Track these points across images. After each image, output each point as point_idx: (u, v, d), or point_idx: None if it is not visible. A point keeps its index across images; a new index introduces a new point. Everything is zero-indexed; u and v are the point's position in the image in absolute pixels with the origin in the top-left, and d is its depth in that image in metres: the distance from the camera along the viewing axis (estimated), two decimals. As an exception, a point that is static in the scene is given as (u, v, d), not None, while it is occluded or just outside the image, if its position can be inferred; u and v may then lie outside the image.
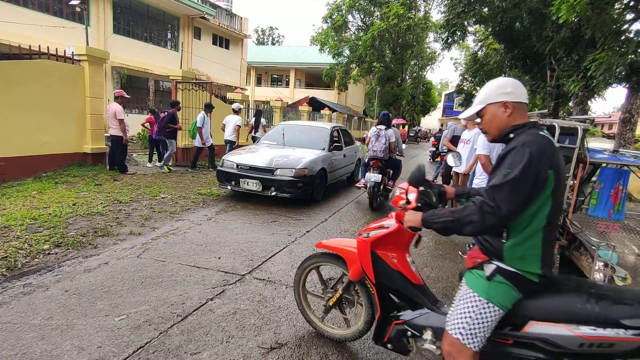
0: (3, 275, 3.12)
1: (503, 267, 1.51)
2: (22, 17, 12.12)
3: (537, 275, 1.48)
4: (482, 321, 1.51)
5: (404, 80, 33.04)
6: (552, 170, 1.42)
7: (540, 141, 1.45)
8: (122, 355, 2.22)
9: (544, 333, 1.45)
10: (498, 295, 1.50)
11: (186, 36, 19.03)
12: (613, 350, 1.36)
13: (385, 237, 1.97)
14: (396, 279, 1.95)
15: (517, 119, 1.57)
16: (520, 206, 1.42)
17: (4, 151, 6.23)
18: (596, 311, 1.37)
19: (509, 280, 1.49)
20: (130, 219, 4.89)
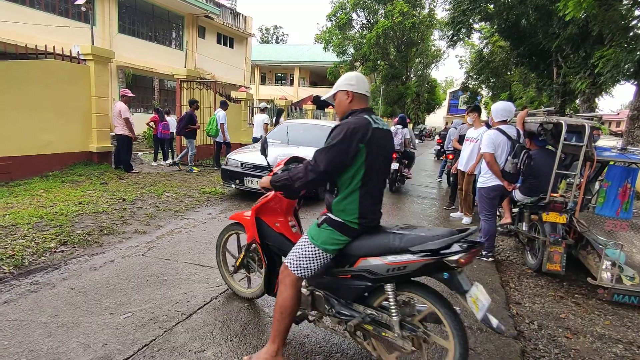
0: (10, 273, 3.15)
1: (331, 217, 1.98)
2: (29, 18, 12.22)
3: (356, 223, 1.94)
4: (306, 255, 1.98)
5: (408, 79, 32.90)
6: (364, 144, 1.85)
7: (359, 122, 1.88)
8: (127, 353, 2.23)
9: (367, 265, 1.93)
10: (321, 238, 1.97)
11: (191, 35, 19.08)
12: (407, 271, 1.83)
13: (266, 205, 2.49)
14: (279, 240, 2.42)
15: (355, 105, 2.02)
16: (334, 167, 1.86)
17: (11, 150, 6.28)
18: (396, 244, 1.86)
19: (333, 227, 1.96)
20: (136, 218, 4.92)
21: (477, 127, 5.58)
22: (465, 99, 35.10)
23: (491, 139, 3.97)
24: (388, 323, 1.96)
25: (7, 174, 6.20)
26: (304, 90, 32.01)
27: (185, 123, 8.75)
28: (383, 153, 1.98)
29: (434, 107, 45.69)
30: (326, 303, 2.15)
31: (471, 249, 1.77)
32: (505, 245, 4.99)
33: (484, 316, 1.79)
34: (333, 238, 1.96)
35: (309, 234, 2.02)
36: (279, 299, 2.04)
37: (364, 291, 2.02)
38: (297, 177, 1.93)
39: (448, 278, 1.82)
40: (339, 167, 1.87)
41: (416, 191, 8.41)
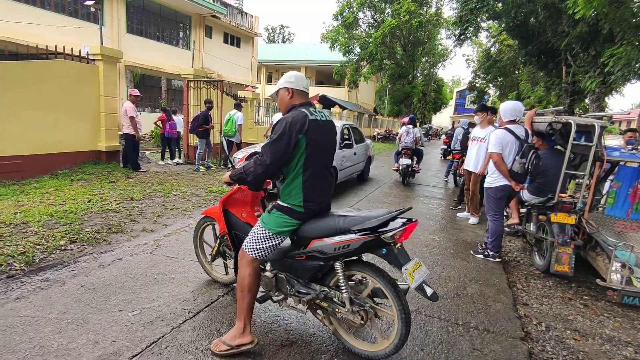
0: (22, 270, 3.21)
1: (279, 203, 2.20)
2: (40, 18, 12.38)
3: (301, 206, 2.14)
4: (258, 238, 2.19)
5: (415, 78, 32.75)
6: (303, 135, 2.04)
7: (296, 115, 2.08)
8: (135, 349, 2.25)
9: (317, 246, 2.13)
10: (270, 222, 2.18)
11: (197, 35, 19.18)
12: (350, 249, 2.04)
13: (232, 197, 2.68)
14: (246, 229, 2.56)
15: (295, 100, 2.24)
16: (279, 158, 2.05)
17: (22, 149, 6.38)
18: (340, 225, 2.06)
19: (281, 211, 2.17)
20: (143, 216, 4.96)
21: (483, 127, 5.53)
22: (472, 98, 34.89)
23: (499, 138, 3.94)
24: (340, 300, 2.17)
25: (19, 172, 6.29)
26: (310, 89, 31.98)
27: (200, 122, 8.83)
28: (322, 141, 2.18)
29: (440, 106, 45.45)
30: (288, 284, 2.34)
31: (405, 225, 1.98)
32: (513, 245, 4.95)
33: (419, 285, 1.97)
34: (281, 221, 2.16)
35: (261, 220, 2.23)
36: (238, 277, 2.25)
37: (318, 270, 2.22)
38: (249, 171, 2.14)
39: (386, 253, 2.03)
40: (283, 158, 2.06)
41: (422, 191, 8.38)
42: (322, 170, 2.21)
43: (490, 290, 3.46)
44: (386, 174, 10.62)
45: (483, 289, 3.48)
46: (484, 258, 4.24)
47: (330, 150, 2.29)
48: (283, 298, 2.43)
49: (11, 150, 6.22)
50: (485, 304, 3.17)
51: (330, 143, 2.28)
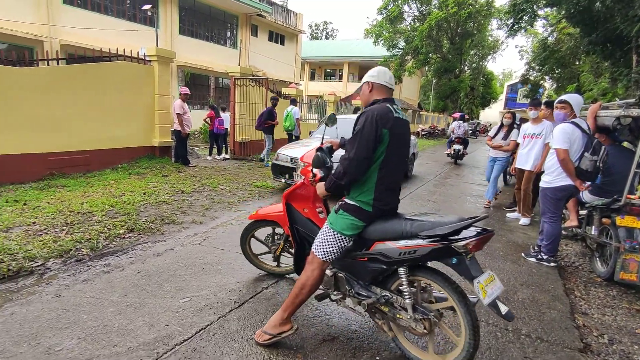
0: (88, 255, 3.51)
1: (347, 201, 2.14)
2: (104, 24, 13.38)
3: (370, 205, 2.07)
4: (327, 240, 2.15)
5: (462, 72, 31.36)
6: (387, 130, 1.99)
7: (382, 109, 2.03)
8: (186, 334, 2.38)
9: (381, 249, 2.06)
10: (338, 223, 2.13)
11: (244, 34, 19.73)
12: (417, 255, 1.94)
13: (294, 191, 2.67)
14: (307, 225, 2.59)
15: (375, 95, 2.19)
16: (364, 152, 1.99)
17: (89, 145, 6.95)
18: (407, 229, 1.97)
19: (347, 211, 2.11)
20: (193, 209, 5.22)
21: (536, 123, 5.18)
22: (525, 92, 32.71)
23: (566, 133, 3.60)
24: (402, 306, 2.09)
25: (85, 166, 6.88)
26: (353, 85, 31.80)
27: (265, 118, 9.18)
28: (402, 141, 2.12)
29: (489, 101, 43.19)
30: (347, 284, 2.31)
31: (480, 235, 1.83)
32: (570, 250, 4.61)
33: (492, 302, 1.82)
34: (349, 222, 2.11)
35: (329, 221, 2.19)
36: (303, 276, 2.23)
37: (380, 274, 2.14)
38: (340, 175, 2.07)
39: (456, 263, 1.91)
40: (368, 151, 1.99)
41: (469, 189, 8.04)
42: (398, 170, 2.15)
43: (544, 296, 3.25)
44: (430, 171, 10.30)
45: (536, 294, 3.27)
46: (537, 262, 3.99)
47: (407, 152, 2.21)
48: (341, 298, 2.38)
49: (79, 146, 6.80)
50: (539, 311, 2.98)
51: (408, 144, 2.21)
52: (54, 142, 6.40)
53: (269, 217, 2.98)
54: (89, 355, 2.13)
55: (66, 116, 6.53)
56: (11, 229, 3.90)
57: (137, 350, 2.19)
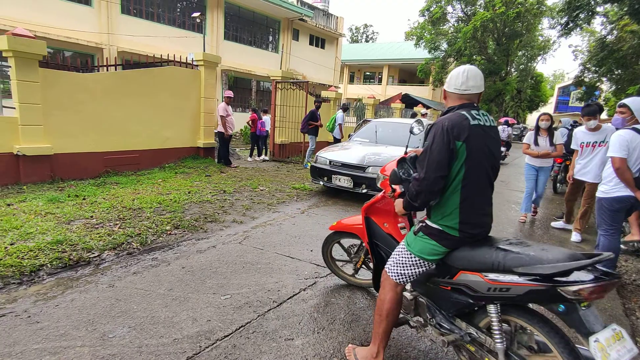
0: (138, 249, 3.72)
1: (428, 224, 1.90)
2: (156, 31, 14.22)
3: (456, 230, 1.80)
4: (403, 262, 1.95)
5: (508, 74, 29.95)
6: (462, 142, 1.73)
7: (453, 118, 1.77)
8: (226, 330, 2.46)
9: (466, 280, 1.77)
10: (417, 246, 1.91)
11: (285, 38, 20.12)
12: (510, 294, 1.60)
13: (374, 205, 2.55)
14: (387, 241, 2.44)
15: (450, 102, 1.94)
16: (435, 170, 1.76)
17: (140, 145, 7.40)
18: (499, 261, 1.65)
19: (429, 235, 1.87)
20: (234, 208, 5.38)
21: (594, 130, 4.73)
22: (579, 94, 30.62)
23: (625, 140, 3.30)
24: (492, 348, 1.74)
25: (136, 164, 7.32)
26: (392, 88, 31.39)
27: (307, 120, 9.46)
28: (487, 151, 1.81)
29: (537, 104, 40.94)
30: (428, 312, 2.07)
31: (601, 280, 1.41)
32: (631, 266, 4.24)
33: None
34: (430, 247, 1.86)
35: (406, 241, 1.99)
36: (378, 301, 2.04)
37: (465, 307, 1.85)
38: (413, 194, 1.88)
39: (565, 312, 1.51)
40: (440, 169, 1.76)
41: (514, 197, 7.65)
42: (485, 187, 1.85)
43: (601, 316, 3.01)
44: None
45: (590, 313, 3.04)
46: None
47: (495, 163, 1.89)
48: (422, 325, 2.14)
49: (131, 146, 7.26)
50: (593, 331, 2.76)
51: (497, 154, 1.88)
52: (110, 142, 6.87)
53: (348, 229, 2.88)
54: (138, 343, 2.26)
55: (121, 118, 6.99)
56: (72, 221, 4.23)
57: (181, 343, 2.29)
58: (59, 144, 6.06)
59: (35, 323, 2.42)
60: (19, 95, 5.53)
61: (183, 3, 15.70)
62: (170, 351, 2.20)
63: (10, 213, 4.28)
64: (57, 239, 3.59)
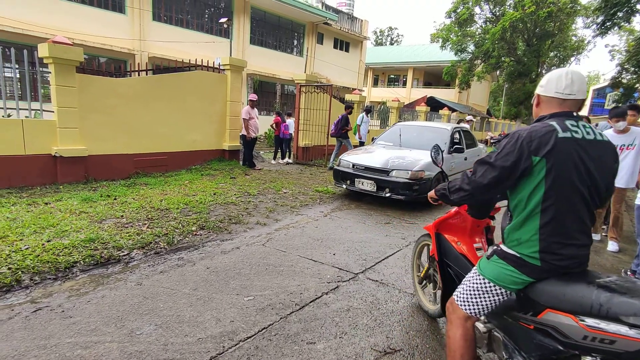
0: (164, 249, 3.82)
1: (503, 248, 1.64)
2: (185, 37, 14.66)
3: (537, 259, 1.52)
4: (476, 289, 1.67)
5: (539, 75, 28.91)
6: (542, 157, 1.46)
7: (535, 129, 1.51)
8: (249, 332, 2.48)
9: (554, 321, 1.43)
10: (492, 271, 1.63)
11: (310, 42, 20.28)
12: (615, 348, 1.26)
13: (447, 221, 2.34)
14: (460, 262, 2.17)
15: (543, 109, 1.67)
16: (491, 182, 1.57)
17: (168, 147, 7.62)
18: (600, 303, 1.30)
19: (506, 260, 1.60)
20: (257, 210, 5.44)
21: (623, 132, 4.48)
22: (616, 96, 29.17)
23: None
24: None
25: (164, 166, 7.55)
26: (417, 92, 31.00)
27: (342, 125, 9.72)
28: (583, 169, 1.48)
29: (571, 107, 39.20)
30: (504, 350, 1.73)
31: None
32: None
33: None
34: (507, 273, 1.59)
35: (479, 266, 1.73)
36: (447, 338, 1.78)
37: (552, 353, 1.47)
38: (454, 189, 1.74)
39: None
40: (497, 185, 1.57)
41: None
42: (577, 211, 1.51)
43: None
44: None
45: (629, 328, 2.86)
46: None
47: (597, 184, 1.52)
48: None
49: (160, 148, 7.49)
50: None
51: (600, 172, 1.52)
52: (140, 144, 7.11)
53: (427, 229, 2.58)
54: (164, 341, 2.31)
55: (150, 121, 7.23)
56: (104, 220, 4.40)
57: (205, 342, 2.33)
58: (93, 146, 6.33)
59: (69, 318, 2.52)
60: (58, 100, 5.82)
61: (211, 9, 16.11)
62: (194, 350, 2.24)
63: (47, 211, 4.50)
64: (89, 237, 3.74)
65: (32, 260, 3.18)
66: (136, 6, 13.23)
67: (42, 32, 10.68)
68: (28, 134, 5.63)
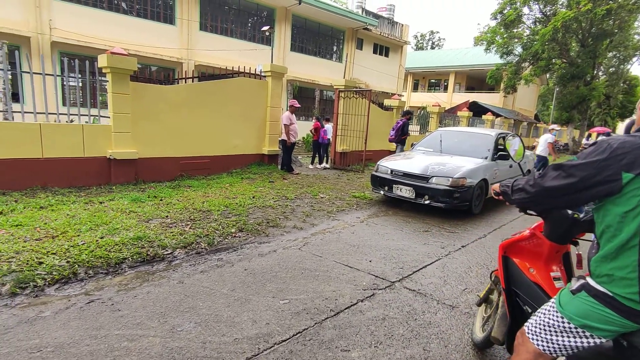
0: (205, 249, 3.97)
1: (591, 283, 1.34)
2: (229, 45, 15.26)
3: (636, 301, 1.22)
4: (550, 326, 1.41)
5: (594, 77, 26.97)
6: (636, 175, 1.19)
7: (630, 141, 1.23)
8: (284, 335, 2.50)
9: None
10: (573, 309, 1.35)
11: (349, 47, 20.33)
12: None
13: (519, 243, 1.99)
14: (531, 291, 1.85)
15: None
16: (558, 189, 1.35)
17: (210, 151, 7.93)
18: None
19: (596, 299, 1.30)
20: (294, 214, 5.50)
21: None
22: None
23: None
24: None
25: (207, 170, 7.86)
26: (459, 96, 30.02)
27: (402, 131, 9.92)
28: None
29: (631, 111, 36.20)
30: None
31: None
32: None
33: None
34: (595, 313, 1.30)
35: (558, 299, 1.45)
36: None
37: None
38: (516, 188, 1.57)
39: None
40: (565, 191, 1.35)
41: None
42: None
43: None
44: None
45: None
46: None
47: None
48: None
49: (203, 152, 7.81)
50: None
51: None
52: (185, 148, 7.46)
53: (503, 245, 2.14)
54: (202, 339, 2.39)
55: (195, 126, 7.57)
56: (150, 220, 4.64)
57: (241, 343, 2.38)
58: (143, 149, 6.73)
59: (117, 311, 2.68)
60: (113, 106, 6.26)
61: (254, 18, 16.64)
62: (231, 350, 2.30)
63: (101, 210, 4.84)
64: (137, 235, 3.96)
65: (87, 255, 3.42)
66: (185, 17, 13.97)
67: (102, 44, 11.57)
68: (87, 138, 6.09)
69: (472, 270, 3.90)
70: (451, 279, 3.63)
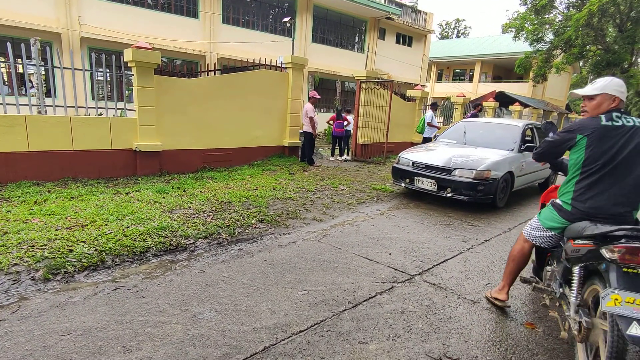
0: (226, 240, 4.04)
1: (555, 200, 2.48)
2: (250, 37, 15.33)
3: (569, 205, 2.32)
4: (533, 226, 2.61)
5: (633, 65, 25.43)
6: (584, 136, 2.22)
7: (587, 120, 2.27)
8: (302, 325, 2.51)
9: (565, 247, 2.27)
10: (543, 214, 2.54)
11: (371, 38, 20.00)
12: (579, 255, 2.08)
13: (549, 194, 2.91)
14: None
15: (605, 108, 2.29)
16: (545, 150, 2.54)
17: (232, 143, 8.03)
18: (582, 228, 2.13)
19: (554, 207, 2.45)
20: (314, 206, 5.51)
21: None
22: None
23: None
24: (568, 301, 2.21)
25: (228, 161, 7.97)
26: (484, 86, 29.06)
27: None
28: (615, 148, 2.14)
29: (674, 100, 33.94)
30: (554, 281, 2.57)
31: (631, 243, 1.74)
32: None
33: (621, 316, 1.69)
34: (550, 215, 2.45)
35: (539, 212, 2.61)
36: (511, 250, 2.78)
37: (567, 272, 2.30)
38: (535, 150, 2.66)
39: (605, 270, 1.86)
40: (550, 152, 2.50)
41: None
42: (609, 177, 2.19)
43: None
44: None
45: None
46: None
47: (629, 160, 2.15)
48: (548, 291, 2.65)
49: (225, 144, 7.92)
50: None
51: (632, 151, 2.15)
52: (207, 140, 7.58)
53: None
54: (222, 328, 2.44)
55: (217, 118, 7.67)
56: (174, 210, 4.76)
57: (260, 332, 2.41)
58: (167, 141, 6.89)
59: (142, 298, 2.77)
60: (139, 99, 6.42)
61: (275, 10, 16.61)
62: (249, 339, 2.33)
63: (128, 200, 5.00)
64: (161, 225, 4.08)
65: (114, 243, 3.55)
66: (207, 10, 14.10)
67: (128, 38, 11.85)
68: (114, 130, 6.29)
69: (495, 265, 3.80)
70: (473, 273, 3.55)
